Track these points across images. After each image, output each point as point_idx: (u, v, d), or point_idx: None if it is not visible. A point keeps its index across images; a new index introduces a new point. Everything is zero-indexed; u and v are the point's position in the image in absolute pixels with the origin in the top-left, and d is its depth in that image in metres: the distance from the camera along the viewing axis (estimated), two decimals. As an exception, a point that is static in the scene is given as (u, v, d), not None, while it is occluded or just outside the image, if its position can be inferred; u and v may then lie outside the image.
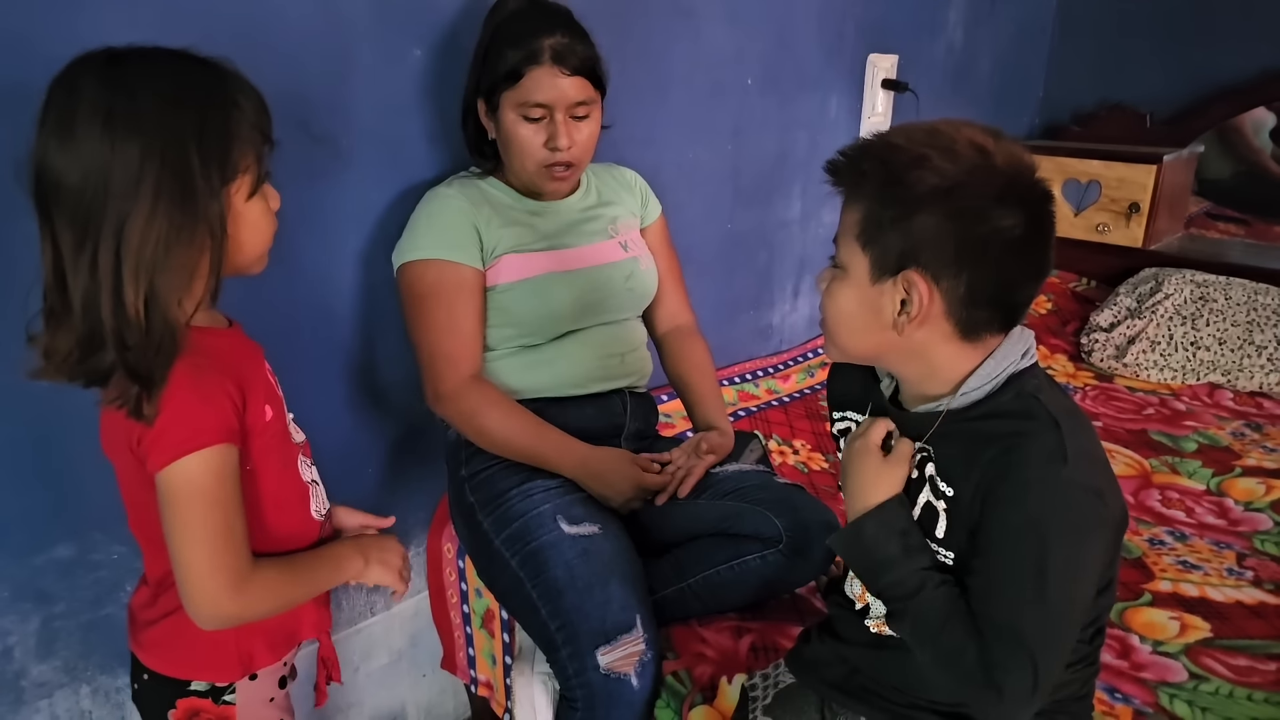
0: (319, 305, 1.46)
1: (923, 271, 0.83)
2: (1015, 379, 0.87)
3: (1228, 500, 1.83)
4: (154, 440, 0.85)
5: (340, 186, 1.42)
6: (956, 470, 0.87)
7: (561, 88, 1.34)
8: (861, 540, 0.90)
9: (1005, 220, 0.81)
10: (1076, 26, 3.05)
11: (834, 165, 0.89)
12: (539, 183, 1.42)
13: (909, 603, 0.86)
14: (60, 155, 0.80)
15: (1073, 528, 0.82)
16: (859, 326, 0.89)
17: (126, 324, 0.81)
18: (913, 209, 0.82)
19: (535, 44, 1.32)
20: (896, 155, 0.83)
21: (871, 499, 0.90)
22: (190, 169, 0.81)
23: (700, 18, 1.92)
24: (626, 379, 1.51)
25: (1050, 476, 0.81)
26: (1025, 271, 0.86)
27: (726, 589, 1.36)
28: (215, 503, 0.87)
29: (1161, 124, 2.85)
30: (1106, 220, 2.78)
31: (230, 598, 0.89)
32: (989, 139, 0.83)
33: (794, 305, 2.47)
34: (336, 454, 1.48)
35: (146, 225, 0.80)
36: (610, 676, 1.20)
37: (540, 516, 1.32)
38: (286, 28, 1.30)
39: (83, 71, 0.81)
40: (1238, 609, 1.48)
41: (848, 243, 0.88)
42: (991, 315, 0.86)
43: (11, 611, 1.22)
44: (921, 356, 0.89)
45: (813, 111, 2.30)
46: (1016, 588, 0.81)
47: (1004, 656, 0.80)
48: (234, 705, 1.00)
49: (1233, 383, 2.39)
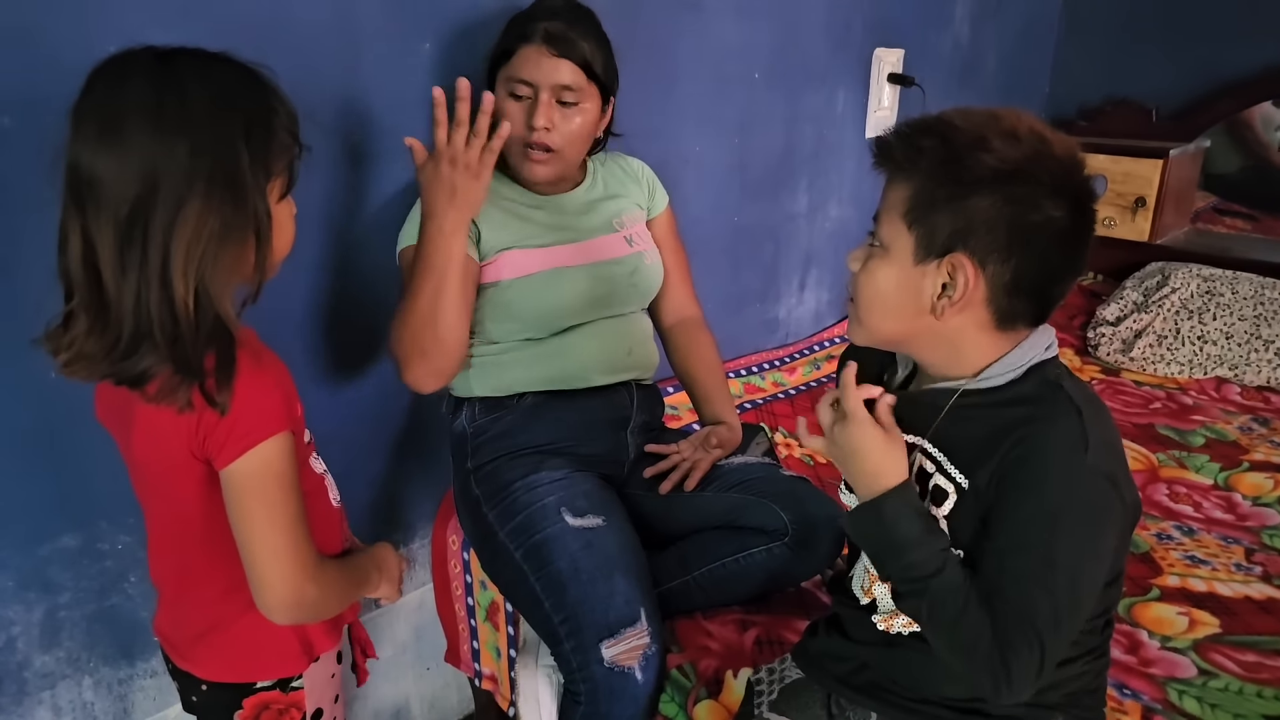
0: (324, 298, 1.45)
1: (970, 255, 0.82)
2: (1037, 368, 0.87)
3: (1235, 495, 1.83)
4: (227, 431, 0.85)
5: (349, 180, 1.42)
6: (975, 457, 0.86)
7: (546, 67, 1.33)
8: (881, 520, 0.88)
9: (1056, 211, 0.81)
10: (1082, 22, 3.03)
11: (885, 143, 0.87)
12: (517, 163, 1.41)
13: (929, 582, 0.84)
14: (105, 153, 0.79)
15: (1089, 515, 0.82)
16: (894, 307, 0.88)
17: (175, 319, 0.80)
18: (969, 190, 0.81)
19: (531, 25, 1.34)
20: (957, 135, 0.82)
21: (887, 479, 0.88)
22: (240, 167, 0.82)
23: (708, 11, 1.91)
24: (633, 371, 1.50)
25: (1072, 463, 0.81)
26: (1066, 265, 0.86)
27: (731, 582, 1.36)
28: (292, 487, 0.89)
29: (1167, 119, 2.84)
30: (1113, 214, 2.77)
31: (310, 584, 0.91)
32: (1047, 129, 0.83)
33: (800, 298, 2.46)
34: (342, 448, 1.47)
35: (199, 222, 0.80)
36: (614, 670, 1.19)
37: (544, 509, 1.32)
38: (297, 21, 1.29)
39: (130, 68, 0.80)
40: (1246, 604, 1.47)
41: (892, 220, 0.87)
42: (1028, 306, 0.86)
43: (16, 601, 1.22)
44: (952, 344, 0.88)
45: (819, 105, 2.29)
46: (1030, 571, 0.81)
47: (1015, 639, 0.80)
48: (302, 690, 1.02)
49: (1240, 377, 2.38)
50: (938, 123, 0.85)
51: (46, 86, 0.82)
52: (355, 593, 1.05)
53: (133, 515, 1.28)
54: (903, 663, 0.97)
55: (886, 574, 0.91)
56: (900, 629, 0.95)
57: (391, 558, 1.13)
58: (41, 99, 0.82)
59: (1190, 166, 2.86)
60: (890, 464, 0.88)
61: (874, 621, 0.98)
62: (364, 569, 1.07)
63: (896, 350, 0.97)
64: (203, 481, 0.89)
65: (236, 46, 0.88)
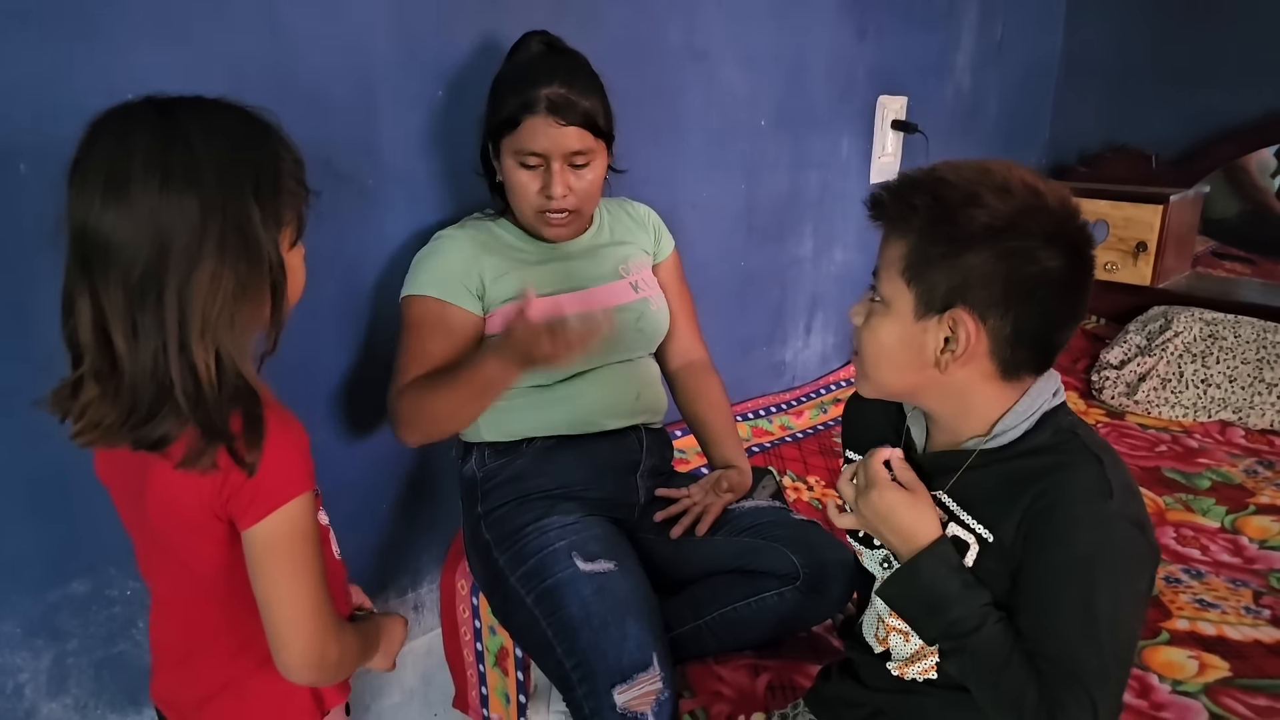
0: (336, 342, 1.47)
1: (970, 310, 0.83)
2: (1049, 417, 0.87)
3: (1242, 538, 1.82)
4: (253, 491, 0.83)
5: (363, 224, 1.44)
6: (996, 511, 0.86)
7: (555, 138, 1.33)
8: (919, 580, 0.87)
9: (1052, 261, 0.81)
10: (1082, 69, 3.09)
11: (878, 199, 0.88)
12: (537, 228, 1.43)
13: (970, 639, 0.83)
14: (110, 213, 0.76)
15: (1121, 562, 0.81)
16: (900, 363, 0.88)
17: (196, 383, 0.78)
18: (963, 247, 0.82)
19: (532, 93, 1.32)
20: (948, 192, 0.83)
21: (922, 537, 0.87)
22: (251, 220, 0.79)
23: (714, 60, 1.95)
24: (641, 416, 1.51)
25: (1097, 511, 0.81)
26: (1067, 313, 0.86)
27: (743, 626, 1.36)
28: (315, 547, 0.88)
29: (1167, 165, 2.88)
30: (1114, 259, 2.80)
31: (333, 644, 0.90)
32: (1039, 180, 0.84)
33: (806, 342, 2.48)
34: (351, 491, 1.48)
35: (213, 281, 0.77)
36: (627, 715, 1.19)
37: (555, 553, 1.32)
38: (312, 67, 1.32)
39: (130, 123, 0.78)
40: (1256, 648, 1.46)
41: (891, 277, 0.87)
42: (1031, 355, 0.86)
43: (24, 648, 1.21)
44: (959, 395, 0.88)
45: (824, 152, 2.33)
46: (1070, 626, 0.80)
47: (1065, 696, 0.79)
48: None
49: (1244, 420, 2.38)
50: (928, 179, 0.85)
51: (62, 132, 0.80)
52: (367, 657, 1.03)
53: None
54: (918, 709, 0.96)
55: (927, 635, 0.90)
56: (915, 675, 0.94)
57: (399, 631, 1.11)
58: (56, 145, 0.80)
59: (1190, 211, 2.90)
60: (922, 522, 0.88)
61: (888, 669, 0.97)
62: (375, 635, 1.05)
63: (905, 401, 0.98)
64: (223, 542, 0.87)
65: (252, 91, 0.87)
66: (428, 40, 1.45)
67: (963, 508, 0.89)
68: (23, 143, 1.06)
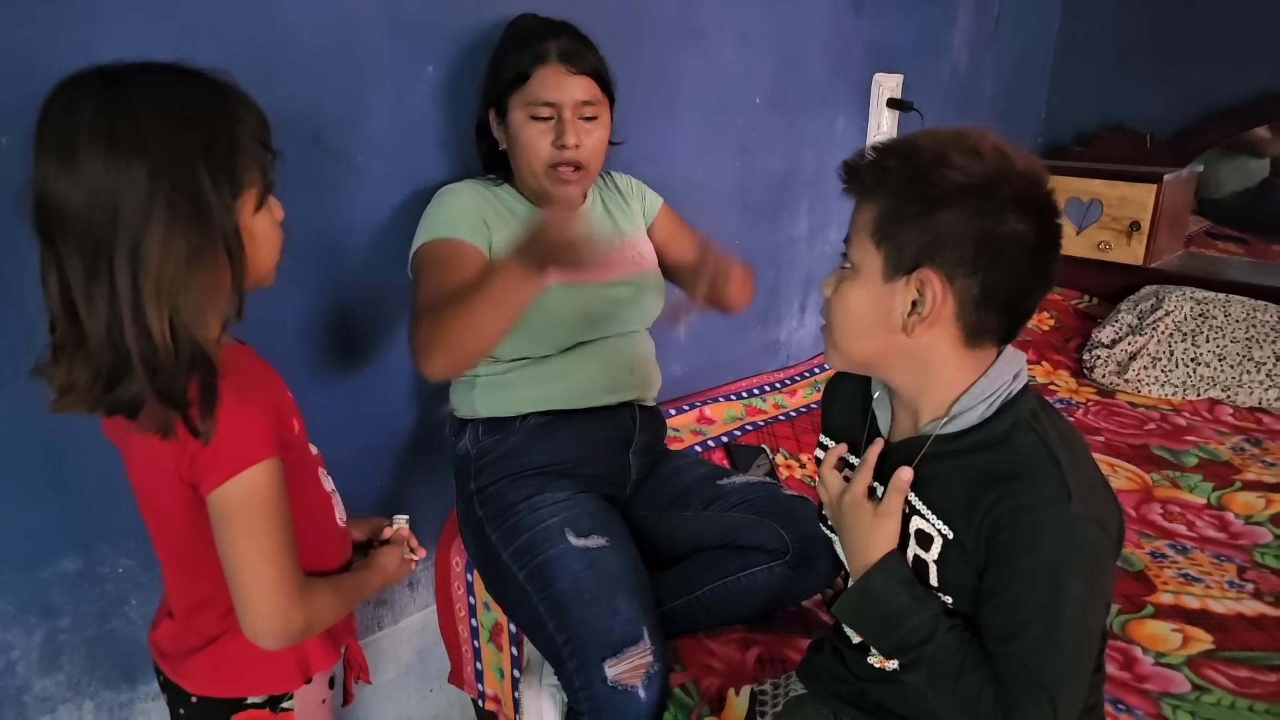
0: (328, 318, 1.47)
1: (938, 270, 0.84)
2: (1009, 406, 0.88)
3: (1228, 514, 1.84)
4: (210, 458, 0.83)
5: (353, 200, 1.44)
6: (955, 511, 0.87)
7: (568, 86, 1.35)
8: (870, 596, 0.90)
9: (1021, 225, 0.82)
10: (1078, 49, 3.08)
11: (853, 165, 0.89)
12: (548, 185, 1.41)
13: (925, 648, 0.85)
14: (63, 182, 0.77)
15: (1084, 564, 0.82)
16: (866, 327, 0.89)
17: (154, 350, 0.79)
18: (935, 205, 0.83)
19: (542, 45, 1.35)
20: (921, 153, 0.84)
21: (872, 554, 0.90)
22: (201, 187, 0.79)
23: (709, 38, 1.94)
24: (635, 391, 1.52)
25: (1058, 516, 0.81)
26: (1035, 278, 0.87)
27: (733, 600, 1.37)
28: (276, 516, 0.87)
29: (1162, 144, 2.88)
30: (1108, 238, 2.81)
31: (296, 610, 0.90)
32: (1008, 146, 0.85)
33: (801, 321, 2.48)
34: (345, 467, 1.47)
35: (163, 248, 0.77)
36: (617, 689, 1.20)
37: (548, 529, 1.33)
38: (302, 44, 1.31)
39: (77, 93, 0.78)
40: (1239, 621, 1.48)
41: (860, 241, 0.88)
42: (997, 321, 0.87)
43: (16, 625, 1.22)
44: (923, 363, 0.89)
45: (819, 130, 2.32)
46: (1035, 629, 0.81)
47: (1021, 698, 0.80)
48: (292, 711, 1.00)
49: (1232, 398, 2.40)
50: (903, 143, 0.87)
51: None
52: (351, 605, 1.03)
53: (134, 539, 1.28)
54: (900, 695, 0.97)
55: (884, 650, 0.93)
56: (895, 666, 0.95)
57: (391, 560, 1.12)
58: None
59: (1184, 191, 2.90)
60: (875, 539, 0.91)
61: (870, 662, 0.99)
62: (357, 583, 1.05)
63: (870, 374, 0.99)
64: (190, 503, 0.88)
65: (240, 67, 0.85)
66: (418, 16, 1.44)
67: (924, 503, 0.90)
68: (4, 115, 1.05)
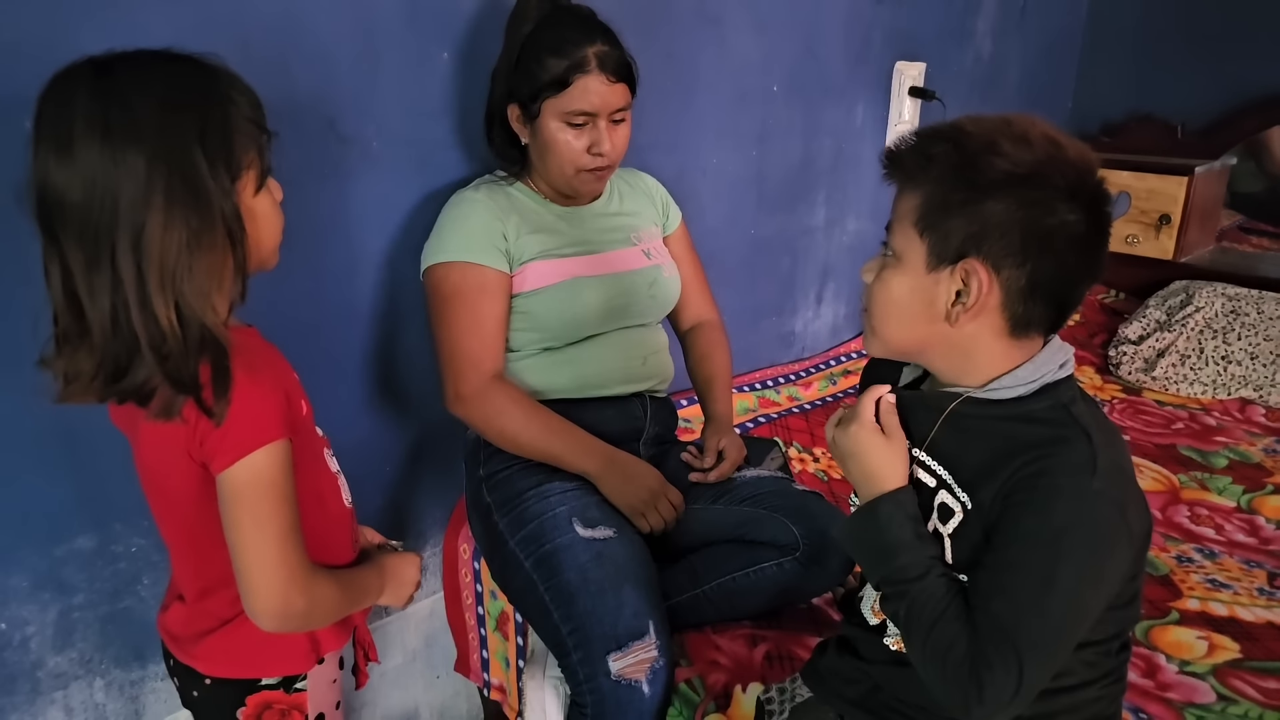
0: (341, 304, 1.46)
1: (984, 260, 0.82)
2: (1050, 388, 0.86)
3: (1259, 518, 1.80)
4: (220, 438, 0.84)
5: (366, 187, 1.43)
6: (977, 477, 0.85)
7: (606, 96, 1.34)
8: (876, 520, 0.88)
9: (1072, 215, 0.80)
10: (1106, 37, 3.02)
11: (896, 151, 0.87)
12: (578, 186, 1.42)
13: (911, 586, 0.84)
14: (61, 173, 0.77)
15: (1091, 540, 0.80)
16: (909, 316, 0.87)
17: (161, 336, 0.79)
18: (983, 194, 0.80)
19: (580, 52, 1.31)
20: (969, 140, 0.82)
21: (886, 483, 0.89)
22: (198, 171, 0.80)
23: (727, 25, 1.91)
24: (648, 382, 1.50)
25: (1078, 486, 0.80)
26: (1084, 269, 0.84)
27: (742, 596, 1.35)
28: (283, 497, 0.88)
29: (1193, 135, 2.82)
30: (1136, 232, 2.75)
31: (298, 593, 0.90)
32: (1059, 133, 0.83)
33: (817, 312, 2.45)
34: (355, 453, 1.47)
35: (165, 234, 0.78)
36: (621, 683, 1.19)
37: (556, 519, 1.32)
38: (317, 30, 1.31)
39: (71, 85, 0.79)
40: (1268, 630, 1.44)
41: (904, 229, 0.86)
42: (1044, 313, 0.85)
43: (31, 601, 1.23)
44: (965, 352, 0.87)
45: (839, 119, 2.29)
46: (1023, 591, 0.80)
47: (992, 655, 0.78)
48: (305, 692, 1.01)
49: (1265, 398, 2.34)
50: (949, 129, 0.85)
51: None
52: (352, 606, 1.03)
53: (146, 518, 1.26)
54: (912, 682, 0.95)
55: (874, 578, 0.91)
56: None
57: (408, 570, 1.11)
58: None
59: (1216, 184, 2.83)
60: (889, 468, 0.89)
61: (885, 643, 0.97)
62: (364, 582, 1.05)
63: (911, 360, 0.97)
64: (202, 484, 0.88)
65: (255, 55, 0.88)
66: (432, 3, 1.43)
67: (947, 469, 0.88)
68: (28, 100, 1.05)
